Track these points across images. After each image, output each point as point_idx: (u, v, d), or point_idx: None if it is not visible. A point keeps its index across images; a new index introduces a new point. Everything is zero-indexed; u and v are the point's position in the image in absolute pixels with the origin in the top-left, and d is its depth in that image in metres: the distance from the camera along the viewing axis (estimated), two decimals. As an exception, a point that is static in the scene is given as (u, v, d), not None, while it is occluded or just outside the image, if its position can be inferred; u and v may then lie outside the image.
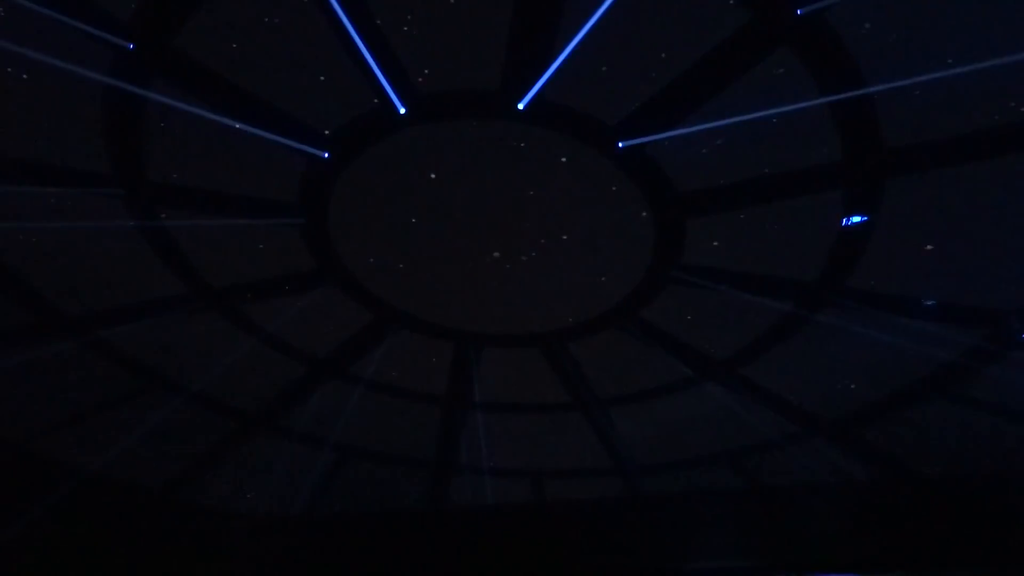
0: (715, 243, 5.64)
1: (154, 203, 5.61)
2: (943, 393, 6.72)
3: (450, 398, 7.86)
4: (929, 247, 5.30)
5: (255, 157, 5.16)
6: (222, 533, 9.08)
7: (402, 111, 4.85)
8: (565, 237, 5.82)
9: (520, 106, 4.79)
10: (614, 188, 5.26)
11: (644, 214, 5.44)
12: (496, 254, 5.98)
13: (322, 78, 4.69)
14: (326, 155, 5.16)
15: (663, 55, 4.47)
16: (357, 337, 7.02)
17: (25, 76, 4.61)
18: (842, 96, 4.55)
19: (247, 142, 4.97)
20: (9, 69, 4.57)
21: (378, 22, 4.39)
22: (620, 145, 4.98)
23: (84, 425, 7.79)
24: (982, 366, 6.31)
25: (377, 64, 4.57)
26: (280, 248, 6.03)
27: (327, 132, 5.03)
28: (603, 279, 6.13)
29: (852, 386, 6.86)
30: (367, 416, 8.06)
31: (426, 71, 4.64)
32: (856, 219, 5.25)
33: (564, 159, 5.15)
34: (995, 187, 4.89)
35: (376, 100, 4.78)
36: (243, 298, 6.59)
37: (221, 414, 7.97)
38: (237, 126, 4.87)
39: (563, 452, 8.59)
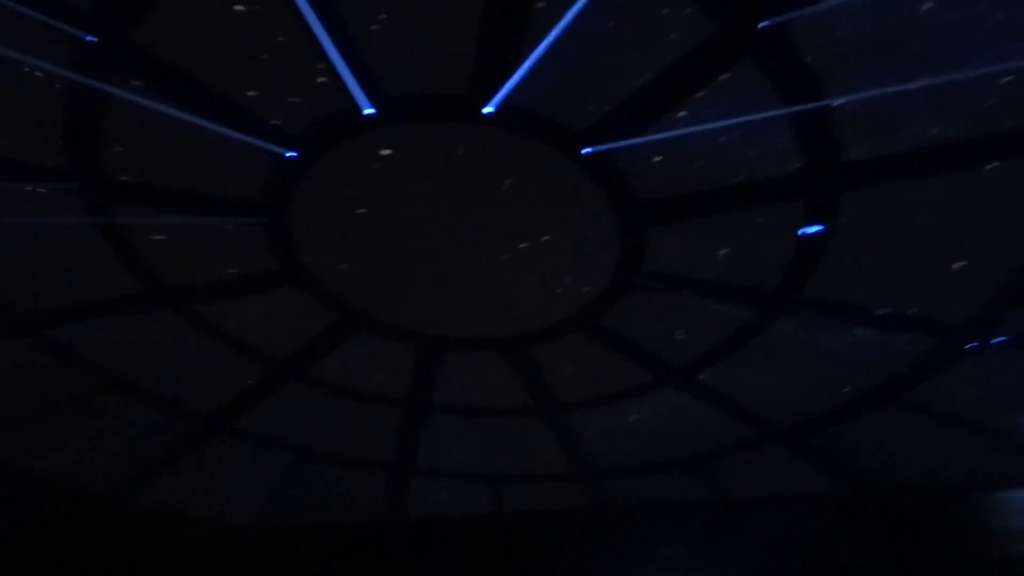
0: (677, 250, 5.73)
1: (111, 199, 5.50)
2: (896, 401, 6.91)
3: (411, 401, 7.83)
4: (956, 265, 5.44)
5: (218, 154, 5.09)
6: (174, 538, 8.93)
7: (369, 112, 4.83)
8: (529, 241, 5.86)
9: (487, 110, 4.81)
10: (579, 194, 5.32)
11: (608, 220, 5.50)
12: (471, 270, 6.01)
13: (288, 77, 4.65)
14: (290, 154, 5.12)
15: (629, 64, 4.54)
16: (318, 339, 6.96)
17: (-21, 66, 4.49)
18: (802, 108, 4.67)
19: (210, 139, 4.89)
20: (-38, 59, 4.45)
21: (346, 22, 4.37)
22: (585, 151, 5.03)
23: (32, 426, 7.58)
24: (932, 375, 6.52)
25: (344, 64, 4.55)
26: (241, 247, 5.95)
27: (292, 131, 4.98)
28: (566, 284, 6.18)
29: (809, 393, 7.01)
30: (326, 419, 8.00)
31: (394, 72, 4.64)
32: (814, 229, 5.39)
33: (530, 164, 5.18)
34: (949, 201, 5.06)
35: (343, 100, 4.76)
36: (201, 297, 6.49)
37: (175, 415, 7.83)
38: (200, 123, 4.80)
39: (523, 456, 8.62)
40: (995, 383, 6.53)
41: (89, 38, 4.36)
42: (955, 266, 5.52)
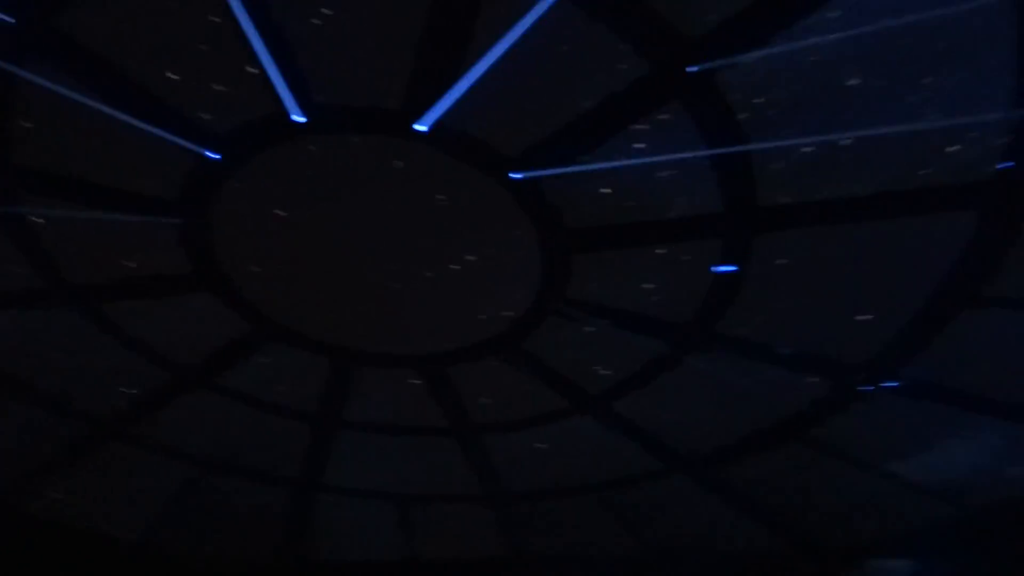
0: (598, 280, 5.83)
1: (16, 188, 5.22)
2: (795, 439, 7.16)
3: (322, 416, 7.66)
4: (861, 317, 5.69)
5: (137, 150, 4.90)
6: (55, 547, 8.46)
7: (299, 120, 4.75)
8: (453, 262, 5.85)
9: (420, 128, 4.81)
10: (506, 218, 5.35)
11: (533, 246, 5.55)
12: (393, 285, 5.95)
13: (218, 77, 4.54)
14: (215, 156, 4.97)
15: (564, 95, 4.62)
16: (229, 347, 6.74)
17: None
18: (724, 152, 4.84)
19: (130, 134, 4.71)
20: None
21: (282, 28, 4.31)
22: (516, 177, 5.08)
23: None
24: (829, 415, 6.80)
25: (278, 70, 4.48)
26: (154, 248, 5.73)
27: (218, 133, 4.85)
28: (488, 306, 6.19)
29: (716, 427, 7.20)
30: (231, 430, 7.74)
31: (328, 83, 4.59)
32: (728, 269, 5.57)
33: (460, 183, 5.19)
34: (856, 251, 5.33)
35: (274, 106, 4.66)
36: (106, 296, 6.21)
37: (69, 418, 7.45)
38: (120, 116, 4.62)
39: (434, 477, 8.53)
40: (888, 427, 6.87)
41: (6, 18, 4.16)
42: (859, 317, 5.81)
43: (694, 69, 4.41)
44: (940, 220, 5.07)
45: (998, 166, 4.67)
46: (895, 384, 6.36)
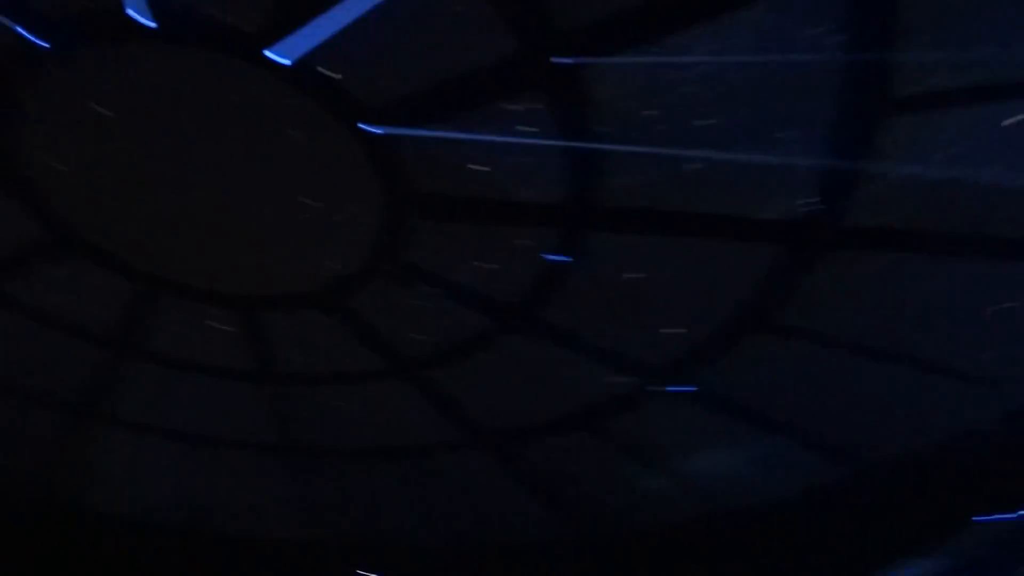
0: (435, 249, 5.84)
1: None
2: (592, 428, 7.60)
3: (116, 344, 7.12)
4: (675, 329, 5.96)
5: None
6: None
7: (145, 21, 4.35)
8: (290, 203, 5.63)
9: (279, 59, 4.57)
10: (353, 169, 5.22)
11: (377, 202, 5.45)
12: (221, 217, 5.60)
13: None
14: (39, 42, 4.44)
15: (433, 57, 4.57)
16: (20, 253, 6.08)
17: None
18: (574, 145, 5.01)
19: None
20: None
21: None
22: (370, 129, 4.97)
23: None
24: (627, 410, 7.27)
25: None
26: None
27: (48, 17, 4.34)
28: (319, 257, 6.02)
29: (523, 408, 7.46)
30: (11, 345, 7.00)
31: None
32: (561, 259, 5.79)
33: (310, 126, 5.00)
34: (677, 264, 5.73)
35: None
36: None
37: None
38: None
39: (228, 423, 8.19)
40: (672, 428, 7.46)
41: None
42: (667, 329, 6.25)
43: (561, 61, 4.52)
44: (752, 249, 5.58)
45: (805, 208, 5.22)
46: (686, 390, 6.91)
